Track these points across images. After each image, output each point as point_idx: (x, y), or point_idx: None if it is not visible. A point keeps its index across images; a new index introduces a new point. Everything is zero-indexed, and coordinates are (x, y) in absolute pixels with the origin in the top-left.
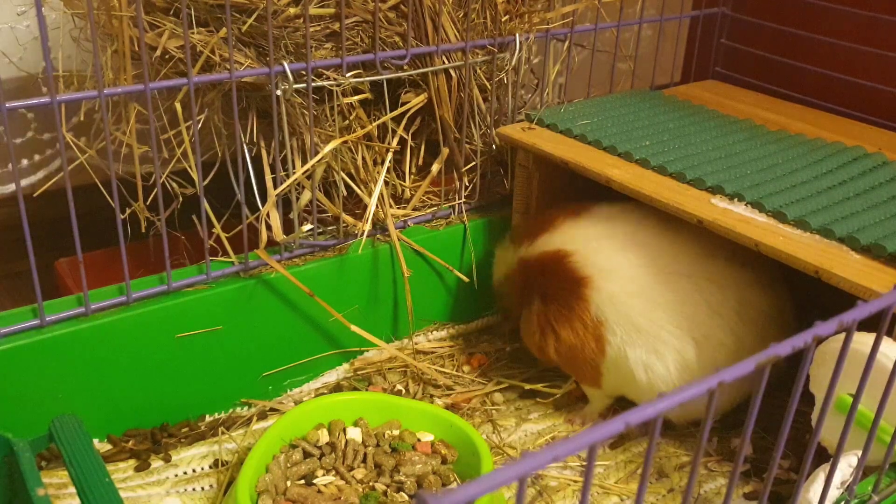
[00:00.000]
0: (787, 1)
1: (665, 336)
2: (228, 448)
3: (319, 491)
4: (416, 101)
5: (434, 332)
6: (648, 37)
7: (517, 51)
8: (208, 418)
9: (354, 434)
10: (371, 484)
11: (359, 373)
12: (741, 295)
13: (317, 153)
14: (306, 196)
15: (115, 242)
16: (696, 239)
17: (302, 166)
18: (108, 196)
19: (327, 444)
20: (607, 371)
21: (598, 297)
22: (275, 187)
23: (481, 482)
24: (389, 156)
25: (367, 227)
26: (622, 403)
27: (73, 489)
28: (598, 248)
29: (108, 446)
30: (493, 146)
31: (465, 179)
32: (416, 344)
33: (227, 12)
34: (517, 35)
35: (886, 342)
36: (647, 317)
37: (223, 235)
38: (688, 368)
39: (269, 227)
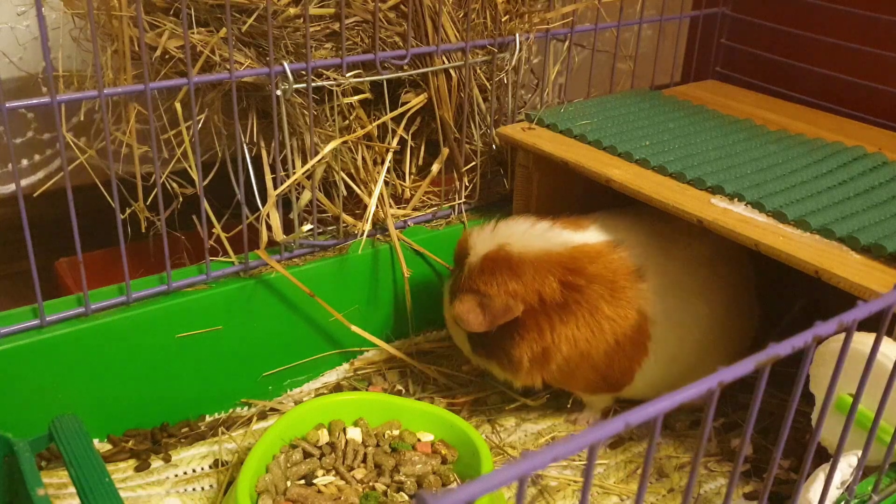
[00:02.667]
0: (787, 1)
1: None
2: (228, 448)
3: (319, 491)
4: (416, 101)
5: (434, 332)
6: (648, 37)
7: (517, 51)
8: (208, 418)
9: (354, 434)
10: (371, 484)
11: (359, 373)
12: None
13: (317, 153)
14: (306, 196)
15: (115, 242)
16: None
17: (302, 166)
18: (108, 196)
19: (327, 444)
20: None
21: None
22: (275, 187)
23: (481, 482)
24: (389, 156)
25: (367, 227)
26: (622, 403)
27: (73, 489)
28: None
29: (108, 446)
30: (493, 146)
31: (465, 179)
32: (416, 344)
33: (227, 12)
34: (517, 35)
35: (886, 342)
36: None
37: (223, 235)
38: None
39: (269, 227)
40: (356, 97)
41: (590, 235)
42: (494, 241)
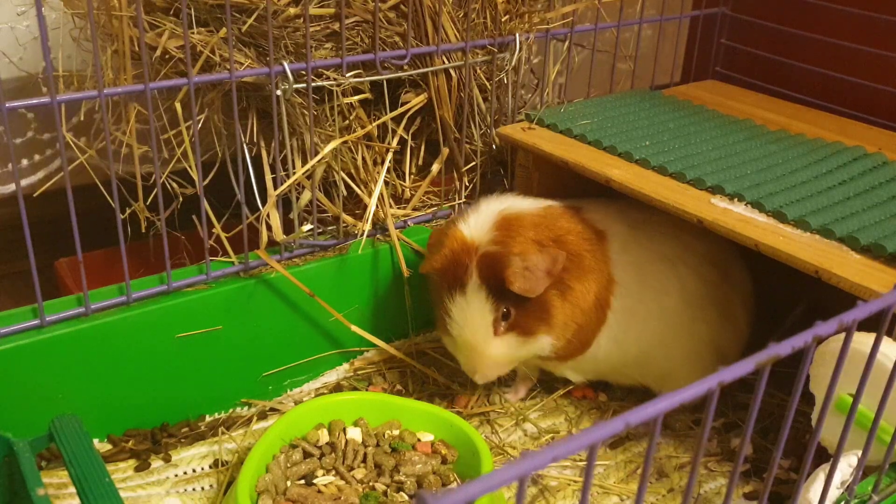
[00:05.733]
0: (787, 1)
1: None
2: (228, 448)
3: (319, 491)
4: (416, 101)
5: (434, 332)
6: (648, 37)
7: (517, 51)
8: (208, 418)
9: (354, 434)
10: (371, 484)
11: (359, 373)
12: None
13: (317, 153)
14: (306, 196)
15: (115, 242)
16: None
17: (302, 166)
18: (108, 196)
19: (327, 444)
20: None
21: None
22: (275, 187)
23: (481, 482)
24: (389, 156)
25: (367, 227)
26: (620, 402)
27: (73, 489)
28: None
29: (108, 446)
30: (493, 146)
31: (465, 179)
32: (416, 344)
33: (227, 12)
34: (517, 35)
35: (886, 342)
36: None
37: (223, 235)
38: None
39: (269, 227)
40: (356, 97)
41: (549, 202)
42: (493, 212)
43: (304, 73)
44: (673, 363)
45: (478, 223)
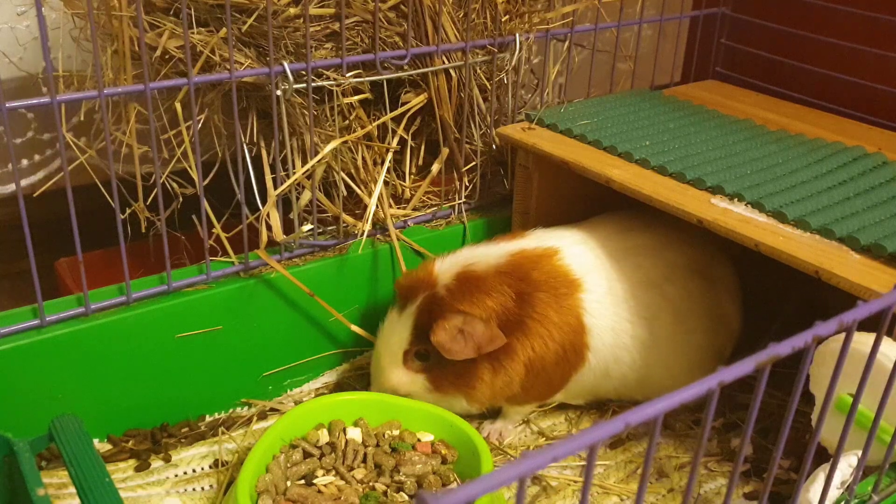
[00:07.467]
0: (787, 1)
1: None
2: (228, 448)
3: (319, 491)
4: (416, 101)
5: None
6: (648, 37)
7: (517, 51)
8: (208, 418)
9: (354, 434)
10: (371, 484)
11: (359, 372)
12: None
13: (317, 153)
14: (306, 196)
15: (115, 242)
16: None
17: (302, 166)
18: (108, 196)
19: (327, 444)
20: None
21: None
22: (275, 187)
23: (481, 482)
24: (389, 156)
25: (367, 227)
26: (620, 401)
27: (73, 489)
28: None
29: (108, 446)
30: (493, 146)
31: (465, 179)
32: None
33: (227, 12)
34: (517, 35)
35: (886, 342)
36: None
37: (223, 235)
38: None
39: (269, 227)
40: (356, 97)
41: (528, 242)
42: (464, 260)
43: (304, 73)
44: (675, 378)
45: (447, 265)
